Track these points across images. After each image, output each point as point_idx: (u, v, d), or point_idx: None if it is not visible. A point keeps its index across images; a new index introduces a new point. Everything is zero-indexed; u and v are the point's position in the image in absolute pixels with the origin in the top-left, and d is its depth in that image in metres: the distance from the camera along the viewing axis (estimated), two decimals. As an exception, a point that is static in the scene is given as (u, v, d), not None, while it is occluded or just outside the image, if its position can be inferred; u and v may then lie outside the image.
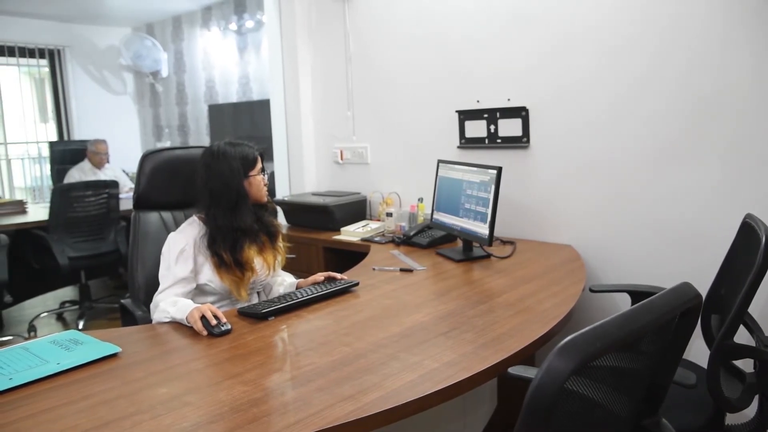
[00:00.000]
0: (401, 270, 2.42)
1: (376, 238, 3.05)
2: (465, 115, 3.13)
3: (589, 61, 2.65)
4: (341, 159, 3.79)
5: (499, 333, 1.66)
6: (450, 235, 2.83)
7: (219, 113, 6.28)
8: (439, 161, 2.85)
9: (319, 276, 2.17)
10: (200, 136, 6.57)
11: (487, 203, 2.44)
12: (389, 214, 3.15)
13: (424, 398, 1.30)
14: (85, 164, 5.38)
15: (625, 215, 2.63)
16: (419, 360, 1.48)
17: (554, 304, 1.90)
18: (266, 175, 2.16)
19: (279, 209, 3.53)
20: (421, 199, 3.19)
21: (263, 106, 5.14)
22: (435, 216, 2.84)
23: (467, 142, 3.14)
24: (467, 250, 2.61)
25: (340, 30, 3.65)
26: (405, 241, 2.89)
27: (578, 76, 2.69)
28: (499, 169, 2.42)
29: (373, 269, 2.44)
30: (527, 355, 1.59)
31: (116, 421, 1.22)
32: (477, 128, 3.09)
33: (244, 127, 5.82)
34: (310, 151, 3.92)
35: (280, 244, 2.21)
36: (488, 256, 2.57)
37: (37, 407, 1.29)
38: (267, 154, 2.32)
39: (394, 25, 3.39)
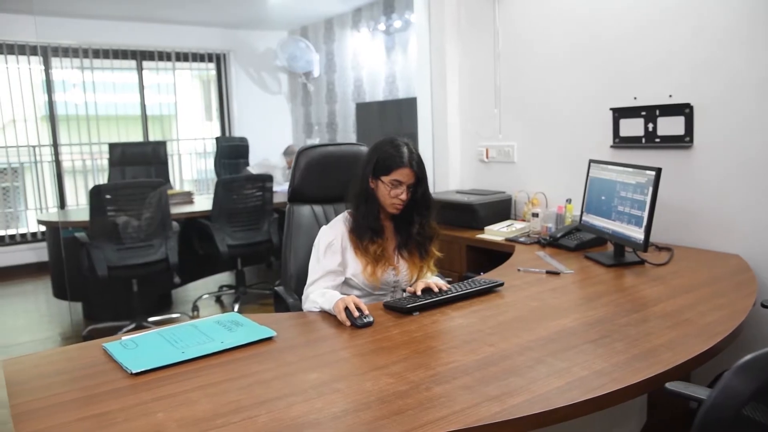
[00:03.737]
0: (547, 272, 2.35)
1: (521, 239, 2.98)
2: (620, 113, 2.97)
3: (765, 53, 2.40)
4: (486, 157, 3.76)
5: (654, 345, 1.56)
6: (600, 239, 2.70)
7: (366, 111, 6.47)
8: (591, 161, 2.73)
9: (429, 283, 2.03)
10: (347, 134, 6.82)
11: (644, 206, 2.30)
12: (535, 215, 3.07)
13: (573, 406, 1.26)
14: (282, 161, 5.82)
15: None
16: (567, 366, 1.43)
17: (719, 318, 1.75)
18: (404, 191, 2.00)
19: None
20: (569, 200, 3.07)
21: (409, 104, 5.23)
22: (584, 218, 2.72)
23: (621, 142, 2.98)
24: (619, 255, 2.47)
25: (489, 28, 3.61)
26: (551, 242, 2.81)
27: (752, 70, 2.44)
28: (659, 171, 2.26)
29: (518, 270, 2.40)
30: (685, 372, 1.47)
31: (272, 401, 1.30)
32: (633, 127, 2.91)
33: (390, 125, 5.95)
34: (456, 149, 3.92)
35: (431, 262, 2.18)
36: (642, 262, 2.41)
37: (204, 380, 1.41)
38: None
39: (546, 21, 3.29)
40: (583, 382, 1.35)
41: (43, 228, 5.89)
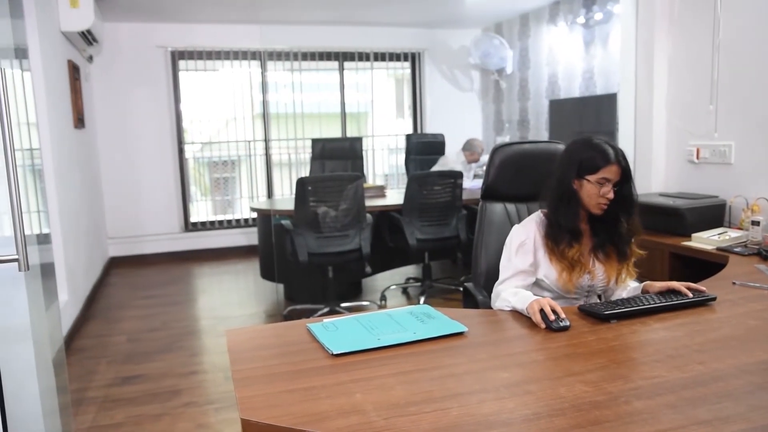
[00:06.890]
0: (770, 289, 2.08)
1: (737, 249, 2.68)
2: None
3: None
4: (697, 158, 3.43)
5: None
6: (840, 255, 2.34)
7: (560, 108, 6.25)
8: (832, 164, 2.36)
9: (674, 284, 1.94)
10: (539, 131, 6.64)
11: None
12: (756, 223, 2.74)
13: (805, 444, 1.11)
14: (460, 156, 5.91)
15: None
16: (797, 397, 1.26)
17: None
18: (610, 189, 1.93)
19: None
20: (799, 208, 2.70)
21: (608, 100, 4.95)
22: (820, 229, 2.37)
23: None
24: None
25: (708, 16, 3.28)
26: (775, 255, 2.49)
27: None
28: None
29: (733, 283, 2.16)
30: None
31: (464, 395, 1.31)
32: None
33: (586, 122, 5.68)
34: (660, 148, 3.63)
35: (631, 265, 2.06)
36: None
37: (398, 368, 1.46)
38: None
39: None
40: (818, 418, 1.18)
41: (254, 215, 6.55)
